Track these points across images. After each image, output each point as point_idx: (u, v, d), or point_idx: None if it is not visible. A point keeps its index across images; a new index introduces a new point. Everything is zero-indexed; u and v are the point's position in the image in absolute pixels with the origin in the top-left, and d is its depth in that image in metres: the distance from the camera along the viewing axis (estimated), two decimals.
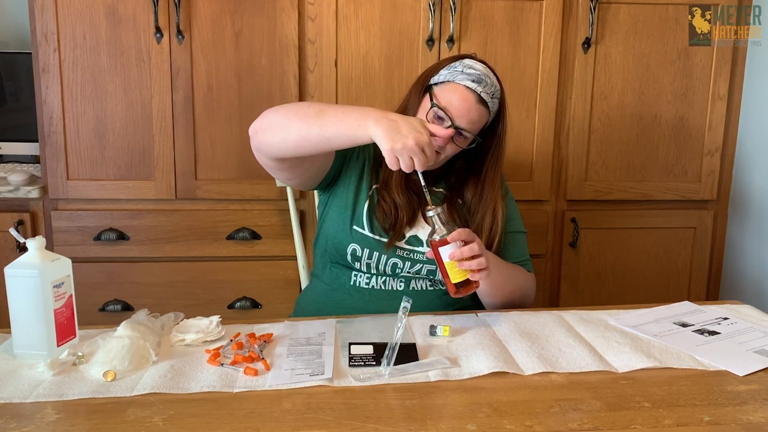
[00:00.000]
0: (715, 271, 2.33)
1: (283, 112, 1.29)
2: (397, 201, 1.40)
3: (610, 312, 1.36)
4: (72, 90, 1.99)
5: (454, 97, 1.34)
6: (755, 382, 1.06)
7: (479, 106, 1.35)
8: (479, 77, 1.35)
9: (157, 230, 2.06)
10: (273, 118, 1.29)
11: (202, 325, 1.19)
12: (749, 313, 1.36)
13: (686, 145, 2.21)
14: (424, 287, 1.42)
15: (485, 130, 1.42)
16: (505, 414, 0.95)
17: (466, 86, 1.34)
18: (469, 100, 1.34)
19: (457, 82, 1.35)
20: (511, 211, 1.52)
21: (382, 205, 1.40)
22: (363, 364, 1.09)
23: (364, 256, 1.39)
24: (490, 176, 1.44)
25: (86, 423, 0.91)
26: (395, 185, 1.41)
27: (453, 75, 1.36)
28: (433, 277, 1.42)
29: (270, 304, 2.12)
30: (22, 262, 1.08)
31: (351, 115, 1.22)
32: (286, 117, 1.27)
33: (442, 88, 1.37)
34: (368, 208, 1.41)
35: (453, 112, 1.34)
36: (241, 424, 0.91)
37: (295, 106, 1.30)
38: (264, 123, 1.30)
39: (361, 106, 1.26)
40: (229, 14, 2.00)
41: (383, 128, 1.18)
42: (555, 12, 2.07)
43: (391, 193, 1.41)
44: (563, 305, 2.21)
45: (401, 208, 1.40)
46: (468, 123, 1.35)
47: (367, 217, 1.40)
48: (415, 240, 1.40)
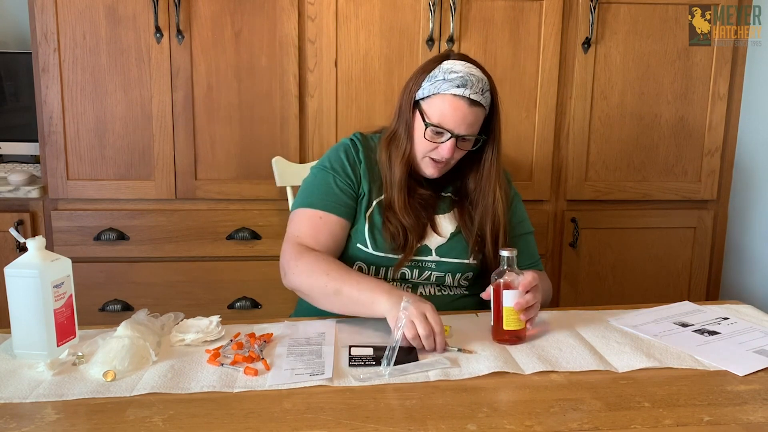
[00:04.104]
0: (715, 271, 2.33)
1: (303, 281, 1.31)
2: (405, 223, 1.37)
3: (610, 312, 1.36)
4: (72, 90, 1.99)
5: (445, 109, 1.32)
6: (755, 382, 1.06)
7: (472, 108, 1.33)
8: (463, 80, 1.31)
9: (157, 230, 2.06)
10: (298, 285, 1.33)
11: (202, 325, 1.19)
12: (749, 313, 1.36)
13: (686, 145, 2.21)
14: (432, 292, 1.41)
15: (486, 124, 1.40)
16: (505, 414, 0.95)
17: (453, 94, 1.31)
18: (461, 108, 1.32)
19: (442, 92, 1.32)
20: (522, 212, 1.52)
21: (389, 226, 1.37)
22: (363, 364, 1.09)
23: (372, 272, 1.39)
24: (488, 165, 1.41)
25: (86, 423, 0.91)
26: (400, 206, 1.38)
27: (436, 87, 1.33)
28: (441, 283, 1.42)
29: (270, 304, 2.12)
30: (22, 262, 1.08)
31: (365, 294, 1.22)
32: (309, 290, 1.30)
33: (430, 104, 1.34)
34: (369, 226, 1.39)
35: (448, 124, 1.32)
36: (241, 424, 0.91)
37: (312, 280, 1.29)
38: (293, 287, 1.35)
39: (374, 283, 1.25)
40: (229, 14, 2.00)
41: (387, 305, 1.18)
42: (555, 12, 2.07)
43: (397, 216, 1.37)
44: (563, 305, 2.21)
45: (410, 230, 1.37)
46: (467, 128, 1.34)
47: (370, 235, 1.38)
48: (425, 249, 1.39)
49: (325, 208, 1.37)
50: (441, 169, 1.40)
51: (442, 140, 1.34)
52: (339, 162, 1.42)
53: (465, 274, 1.42)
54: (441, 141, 1.35)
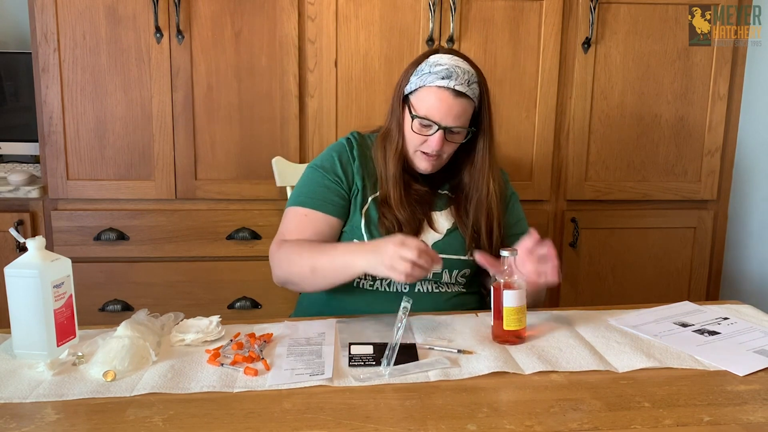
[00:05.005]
0: (715, 271, 2.33)
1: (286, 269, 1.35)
2: (400, 217, 1.38)
3: (610, 312, 1.36)
4: (72, 90, 1.99)
5: (430, 100, 1.35)
6: (755, 382, 1.06)
7: (458, 99, 1.34)
8: (448, 72, 1.34)
9: (157, 230, 2.06)
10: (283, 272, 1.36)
11: (202, 325, 1.19)
12: (749, 313, 1.36)
13: (686, 145, 2.20)
14: (429, 289, 1.41)
15: (476, 116, 1.41)
16: (505, 414, 0.95)
17: (438, 86, 1.34)
18: (446, 99, 1.34)
19: (428, 85, 1.35)
20: (519, 211, 1.52)
21: (384, 221, 1.39)
22: (363, 364, 1.09)
23: None
24: (480, 156, 1.42)
25: (86, 423, 0.91)
26: (395, 201, 1.39)
27: (422, 80, 1.36)
28: (439, 280, 1.42)
29: (270, 304, 2.12)
30: (22, 262, 1.08)
31: (338, 261, 1.28)
32: (290, 275, 1.35)
33: (417, 96, 1.37)
34: (366, 222, 1.40)
35: (435, 116, 1.34)
36: (241, 424, 0.91)
37: (290, 264, 1.34)
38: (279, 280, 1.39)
39: (344, 247, 1.30)
40: (229, 14, 2.00)
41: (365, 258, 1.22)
42: (555, 12, 2.07)
43: (392, 210, 1.39)
44: (563, 305, 2.21)
45: (405, 225, 1.38)
46: (453, 120, 1.35)
47: (367, 230, 1.39)
48: None
49: (311, 205, 1.40)
50: (434, 164, 1.40)
51: (430, 133, 1.36)
52: (329, 160, 1.44)
53: (462, 270, 1.42)
54: (429, 134, 1.37)
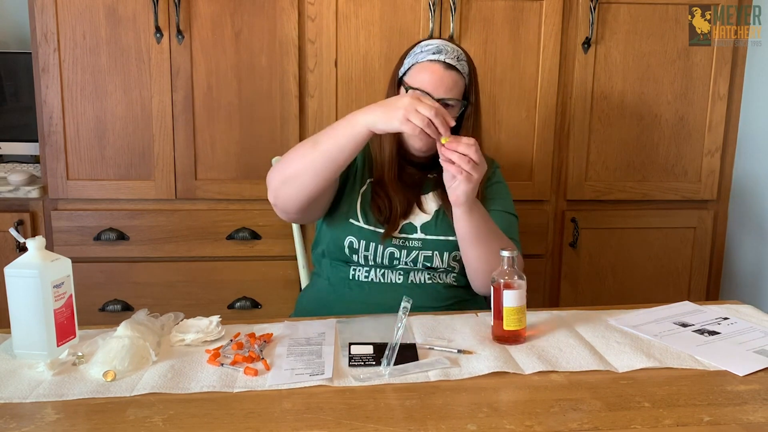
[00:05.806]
0: (715, 271, 2.33)
1: (286, 163, 1.34)
2: (392, 195, 1.43)
3: (610, 312, 1.36)
4: (72, 90, 1.99)
5: (423, 74, 1.40)
6: (755, 382, 1.06)
7: (449, 72, 1.39)
8: (438, 48, 1.41)
9: (157, 230, 2.06)
10: (281, 171, 1.34)
11: (202, 325, 1.19)
12: (749, 313, 1.36)
13: (686, 145, 2.20)
14: (423, 280, 1.43)
15: (466, 95, 1.44)
16: (505, 414, 0.95)
17: (429, 60, 1.39)
18: (437, 71, 1.39)
19: (419, 61, 1.41)
20: (496, 192, 1.51)
21: (377, 200, 1.43)
22: (363, 364, 1.09)
23: (361, 248, 1.41)
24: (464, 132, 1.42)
25: (86, 423, 0.91)
26: (389, 180, 1.44)
27: (414, 58, 1.43)
28: (431, 265, 1.43)
29: (270, 304, 2.12)
30: (22, 262, 1.08)
31: (340, 125, 1.28)
32: (291, 164, 1.32)
33: (410, 74, 1.42)
34: (362, 201, 1.44)
35: (428, 87, 1.38)
36: (241, 424, 0.91)
37: (292, 152, 1.34)
38: (277, 183, 1.36)
39: (345, 117, 1.30)
40: (229, 14, 2.00)
41: (373, 113, 1.23)
42: (555, 12, 2.07)
43: (385, 188, 1.44)
44: (563, 305, 2.21)
45: (396, 202, 1.42)
46: (446, 91, 1.38)
47: (362, 210, 1.43)
48: (410, 227, 1.43)
49: None
50: (427, 141, 1.39)
51: None
52: None
53: (452, 252, 1.43)
54: None
